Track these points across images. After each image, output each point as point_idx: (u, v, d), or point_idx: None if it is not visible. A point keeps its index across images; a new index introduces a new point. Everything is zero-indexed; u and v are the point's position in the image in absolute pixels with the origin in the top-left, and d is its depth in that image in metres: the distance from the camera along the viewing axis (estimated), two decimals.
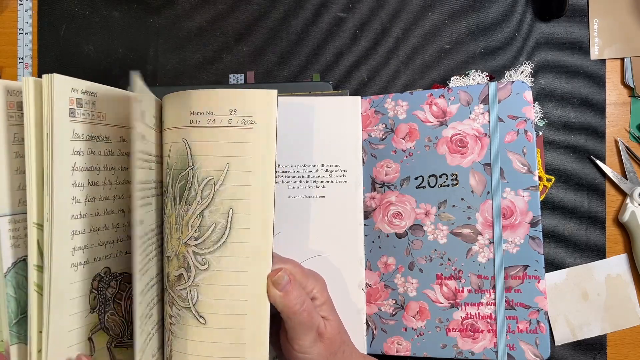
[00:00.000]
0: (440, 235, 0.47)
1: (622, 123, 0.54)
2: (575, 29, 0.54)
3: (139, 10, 0.56)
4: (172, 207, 0.37)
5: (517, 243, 0.45)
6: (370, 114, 0.49)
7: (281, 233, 0.48)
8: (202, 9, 0.56)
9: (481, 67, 0.54)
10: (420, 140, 0.48)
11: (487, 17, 0.54)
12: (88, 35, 0.56)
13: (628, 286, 0.53)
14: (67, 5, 0.56)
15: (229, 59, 0.55)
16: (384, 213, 0.48)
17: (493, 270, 0.46)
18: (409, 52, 0.55)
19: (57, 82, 0.34)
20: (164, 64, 0.55)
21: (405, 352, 0.47)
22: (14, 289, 0.37)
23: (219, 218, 0.36)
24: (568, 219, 0.53)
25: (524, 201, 0.45)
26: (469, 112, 0.47)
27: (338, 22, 0.55)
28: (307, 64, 0.55)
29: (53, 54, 0.56)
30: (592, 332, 0.52)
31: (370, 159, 0.49)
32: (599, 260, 0.53)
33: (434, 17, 0.55)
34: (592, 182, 0.53)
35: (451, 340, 0.46)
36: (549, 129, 0.53)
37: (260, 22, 0.55)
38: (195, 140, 0.36)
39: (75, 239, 0.35)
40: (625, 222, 0.52)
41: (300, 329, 0.37)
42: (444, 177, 0.47)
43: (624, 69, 0.53)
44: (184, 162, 0.36)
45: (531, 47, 0.54)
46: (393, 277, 0.48)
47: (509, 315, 0.45)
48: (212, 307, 0.36)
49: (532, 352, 0.45)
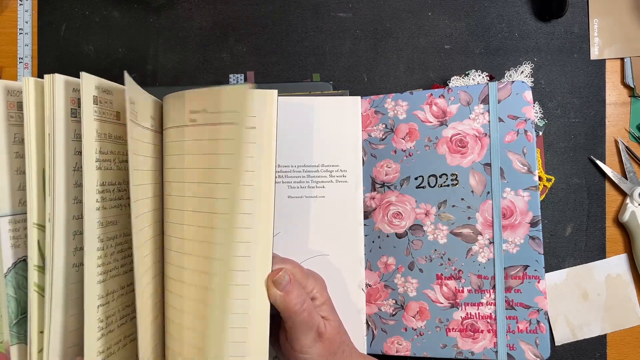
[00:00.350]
0: (440, 235, 0.47)
1: (622, 123, 0.54)
2: (575, 29, 0.54)
3: (139, 10, 0.56)
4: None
5: (517, 243, 0.45)
6: (370, 114, 0.49)
7: (281, 233, 0.48)
8: (202, 9, 0.56)
9: (481, 67, 0.54)
10: (420, 140, 0.48)
11: (487, 17, 0.54)
12: (88, 35, 0.56)
13: (628, 286, 0.53)
14: (67, 5, 0.56)
15: (229, 59, 0.55)
16: (384, 213, 0.48)
17: (493, 270, 0.46)
18: (409, 52, 0.55)
19: (58, 82, 0.34)
20: (164, 64, 0.55)
21: (405, 352, 0.47)
22: (14, 289, 0.37)
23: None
24: (568, 219, 0.53)
25: (524, 201, 0.45)
26: (469, 112, 0.47)
27: (338, 22, 0.55)
28: (307, 64, 0.55)
29: (53, 54, 0.56)
30: (592, 332, 0.52)
31: (370, 159, 0.49)
32: (599, 260, 0.53)
33: (434, 17, 0.55)
34: (592, 182, 0.53)
35: (451, 340, 0.46)
36: (549, 129, 0.53)
37: (260, 22, 0.55)
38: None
39: (77, 239, 0.35)
40: (625, 222, 0.52)
41: (301, 328, 0.37)
42: (444, 177, 0.47)
43: (624, 69, 0.53)
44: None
45: (531, 47, 0.54)
46: (393, 277, 0.48)
47: (509, 315, 0.45)
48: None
49: (532, 352, 0.45)
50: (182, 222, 0.37)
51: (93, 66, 0.56)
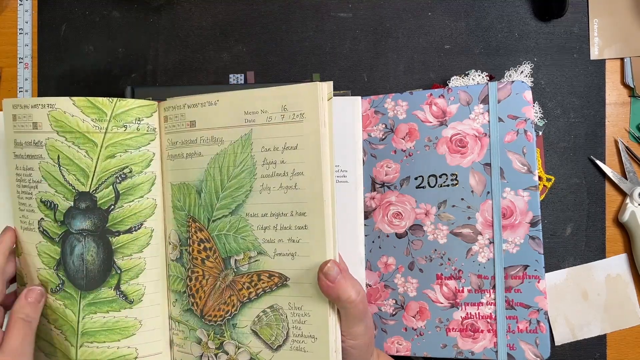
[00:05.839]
0: (440, 235, 0.47)
1: (622, 123, 0.54)
2: (575, 29, 0.54)
3: (139, 10, 0.56)
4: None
5: (517, 243, 0.45)
6: (370, 114, 0.49)
7: None
8: (202, 9, 0.56)
9: (481, 67, 0.54)
10: (420, 140, 0.48)
11: (487, 17, 0.54)
12: (88, 35, 0.56)
13: (628, 286, 0.53)
14: (67, 5, 0.56)
15: (229, 59, 0.55)
16: (384, 213, 0.48)
17: (493, 270, 0.46)
18: (409, 52, 0.55)
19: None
20: (164, 64, 0.55)
21: (405, 352, 0.47)
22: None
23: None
24: (568, 219, 0.53)
25: (523, 201, 0.45)
26: (469, 112, 0.47)
27: (338, 22, 0.55)
28: (307, 64, 0.55)
29: (53, 54, 0.56)
30: (592, 332, 0.52)
31: (370, 159, 0.49)
32: (598, 260, 0.53)
33: (434, 17, 0.55)
34: (592, 182, 0.53)
35: (451, 340, 0.46)
36: (549, 129, 0.53)
37: (260, 22, 0.55)
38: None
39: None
40: (625, 222, 0.52)
41: (354, 319, 0.38)
42: (444, 177, 0.47)
43: (624, 69, 0.53)
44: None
45: (531, 47, 0.54)
46: (393, 277, 0.48)
47: (509, 315, 0.45)
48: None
49: (532, 352, 0.45)
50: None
51: (93, 66, 0.56)
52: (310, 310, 0.38)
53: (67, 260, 0.40)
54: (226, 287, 0.40)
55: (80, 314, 0.40)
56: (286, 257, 0.38)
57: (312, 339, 0.37)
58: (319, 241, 0.37)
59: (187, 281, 0.41)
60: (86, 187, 0.39)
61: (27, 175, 0.40)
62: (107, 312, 0.40)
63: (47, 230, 0.40)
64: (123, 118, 0.39)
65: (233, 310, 0.39)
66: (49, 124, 0.39)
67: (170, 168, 0.41)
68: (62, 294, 0.40)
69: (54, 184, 0.39)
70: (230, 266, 0.39)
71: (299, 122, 0.37)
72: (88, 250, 0.39)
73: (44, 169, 0.39)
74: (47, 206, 0.39)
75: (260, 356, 0.39)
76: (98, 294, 0.40)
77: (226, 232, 0.39)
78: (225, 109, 0.39)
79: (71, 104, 0.39)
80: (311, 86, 0.37)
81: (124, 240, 0.40)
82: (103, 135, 0.39)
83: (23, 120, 0.39)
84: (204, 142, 0.40)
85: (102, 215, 0.40)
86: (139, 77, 0.55)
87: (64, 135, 0.39)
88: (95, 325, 0.40)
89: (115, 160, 0.39)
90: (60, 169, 0.39)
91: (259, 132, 0.38)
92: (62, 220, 0.39)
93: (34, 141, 0.39)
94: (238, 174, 0.39)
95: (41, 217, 0.40)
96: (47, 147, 0.39)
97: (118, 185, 0.40)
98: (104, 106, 0.39)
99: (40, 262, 0.40)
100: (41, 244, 0.40)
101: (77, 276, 0.40)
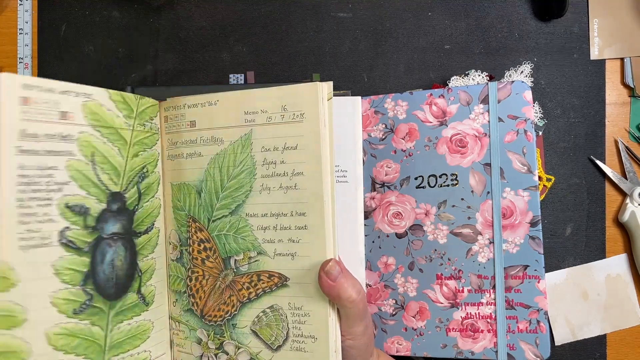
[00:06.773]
0: (440, 235, 0.47)
1: (622, 123, 0.54)
2: (575, 29, 0.54)
3: (139, 10, 0.56)
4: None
5: (517, 243, 0.45)
6: (370, 114, 0.49)
7: None
8: (202, 9, 0.56)
9: (481, 67, 0.54)
10: (420, 140, 0.48)
11: (487, 17, 0.54)
12: (88, 35, 0.56)
13: (628, 286, 0.53)
14: (67, 5, 0.56)
15: (229, 59, 0.55)
16: (384, 213, 0.48)
17: (493, 270, 0.46)
18: (409, 52, 0.55)
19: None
20: (164, 64, 0.55)
21: (405, 352, 0.47)
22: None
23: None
24: (568, 219, 0.53)
25: (523, 201, 0.45)
26: (469, 112, 0.47)
27: (338, 22, 0.55)
28: (307, 64, 0.55)
29: (53, 54, 0.56)
30: (592, 332, 0.52)
31: (370, 159, 0.49)
32: (598, 260, 0.53)
33: (434, 17, 0.55)
34: (592, 182, 0.53)
35: (451, 340, 0.46)
36: (549, 129, 0.53)
37: (260, 22, 0.55)
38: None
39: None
40: (625, 222, 0.52)
41: (354, 318, 0.38)
42: (444, 177, 0.47)
43: (624, 69, 0.53)
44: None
45: (531, 47, 0.54)
46: (393, 277, 0.48)
47: (509, 315, 0.45)
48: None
49: (532, 352, 0.45)
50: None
51: (93, 66, 0.56)
52: (310, 311, 0.38)
53: (97, 269, 0.35)
54: (226, 287, 0.40)
55: (109, 327, 0.36)
56: (286, 257, 0.38)
57: (312, 339, 0.37)
58: (319, 241, 0.37)
59: (187, 281, 0.41)
60: (117, 187, 0.36)
61: (43, 176, 0.33)
62: (131, 318, 0.38)
63: (74, 241, 0.34)
64: (143, 117, 0.39)
65: (233, 310, 0.39)
66: (83, 115, 0.34)
67: (170, 168, 0.41)
68: (89, 311, 0.35)
69: (86, 185, 0.35)
70: (230, 266, 0.39)
71: (299, 122, 0.37)
72: (117, 255, 0.37)
73: (74, 167, 0.34)
74: (75, 211, 0.34)
75: (260, 356, 0.39)
76: (125, 300, 0.37)
77: (226, 232, 0.39)
78: (225, 109, 0.39)
79: (108, 97, 0.36)
80: (311, 86, 0.37)
81: (143, 241, 0.39)
82: (131, 133, 0.38)
83: (43, 106, 0.33)
84: (204, 142, 0.40)
85: (130, 217, 0.37)
86: (139, 77, 0.55)
87: (100, 130, 0.35)
88: (121, 334, 0.37)
89: (139, 159, 0.39)
90: (94, 168, 0.35)
91: (259, 132, 0.38)
92: (93, 226, 0.35)
93: (60, 134, 0.33)
94: (238, 174, 0.39)
95: (65, 226, 0.34)
96: (80, 142, 0.34)
97: (140, 184, 0.38)
98: (132, 103, 0.38)
99: (60, 282, 0.34)
100: (62, 260, 0.34)
101: (108, 285, 0.36)
